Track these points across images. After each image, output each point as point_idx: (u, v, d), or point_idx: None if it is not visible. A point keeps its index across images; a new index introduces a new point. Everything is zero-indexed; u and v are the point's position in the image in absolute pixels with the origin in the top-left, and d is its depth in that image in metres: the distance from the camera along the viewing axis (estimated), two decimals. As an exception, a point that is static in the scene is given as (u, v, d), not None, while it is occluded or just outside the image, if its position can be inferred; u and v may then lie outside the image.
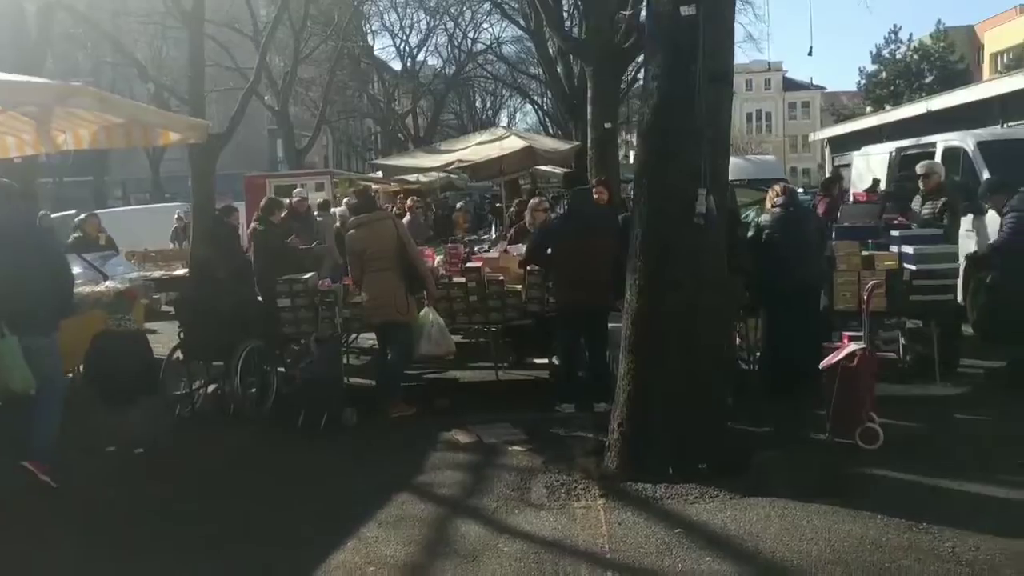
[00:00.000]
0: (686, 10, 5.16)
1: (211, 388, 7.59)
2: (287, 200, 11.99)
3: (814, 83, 75.35)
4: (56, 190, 33.53)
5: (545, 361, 8.35)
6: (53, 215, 15.90)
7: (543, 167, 18.53)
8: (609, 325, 6.99)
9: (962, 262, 7.93)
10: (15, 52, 12.00)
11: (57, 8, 14.97)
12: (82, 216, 11.95)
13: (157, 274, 13.53)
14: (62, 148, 10.07)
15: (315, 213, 11.55)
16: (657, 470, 5.27)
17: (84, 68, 29.03)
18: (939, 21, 49.87)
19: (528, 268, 7.60)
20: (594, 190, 8.11)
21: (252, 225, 9.98)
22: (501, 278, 7.81)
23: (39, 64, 13.17)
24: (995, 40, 44.76)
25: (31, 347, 5.48)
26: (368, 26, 37.11)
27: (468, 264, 8.27)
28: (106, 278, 8.75)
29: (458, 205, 19.76)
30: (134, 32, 25.89)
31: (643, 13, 12.97)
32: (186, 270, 13.38)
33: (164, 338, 9.26)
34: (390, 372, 7.31)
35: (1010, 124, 16.45)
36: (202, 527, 4.98)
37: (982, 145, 9.97)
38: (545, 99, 40.18)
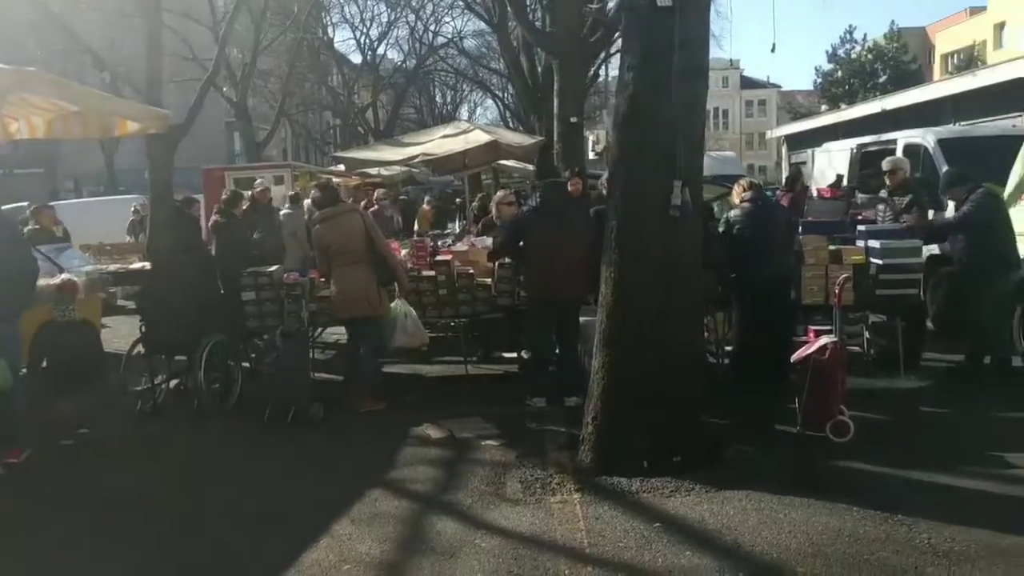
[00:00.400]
0: (662, 2, 5.13)
1: (174, 383, 7.41)
2: (248, 192, 11.83)
3: (771, 81, 76.32)
4: (5, 182, 32.64)
5: (514, 355, 8.31)
6: (3, 207, 15.43)
7: (506, 162, 18.48)
8: (581, 319, 6.96)
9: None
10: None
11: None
12: (34, 207, 11.60)
13: (113, 267, 13.19)
14: (15, 137, 9.75)
15: (285, 206, 11.37)
16: (632, 464, 5.24)
17: (34, 56, 28.23)
18: (892, 22, 50.95)
19: (499, 261, 7.55)
20: (569, 182, 8.07)
21: (214, 218, 9.81)
22: (471, 271, 7.74)
23: (-12, 52, 12.78)
24: (946, 41, 45.72)
25: None
26: (328, 18, 36.71)
27: (438, 257, 8.17)
28: (61, 270, 8.49)
29: (426, 199, 19.57)
30: (87, 19, 25.28)
31: (610, 6, 13.08)
32: (143, 263, 13.08)
33: (123, 332, 9.05)
34: (361, 366, 7.19)
35: (962, 123, 16.80)
36: (165, 526, 4.86)
37: (942, 142, 10.11)
38: (506, 93, 40.16)
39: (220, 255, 9.74)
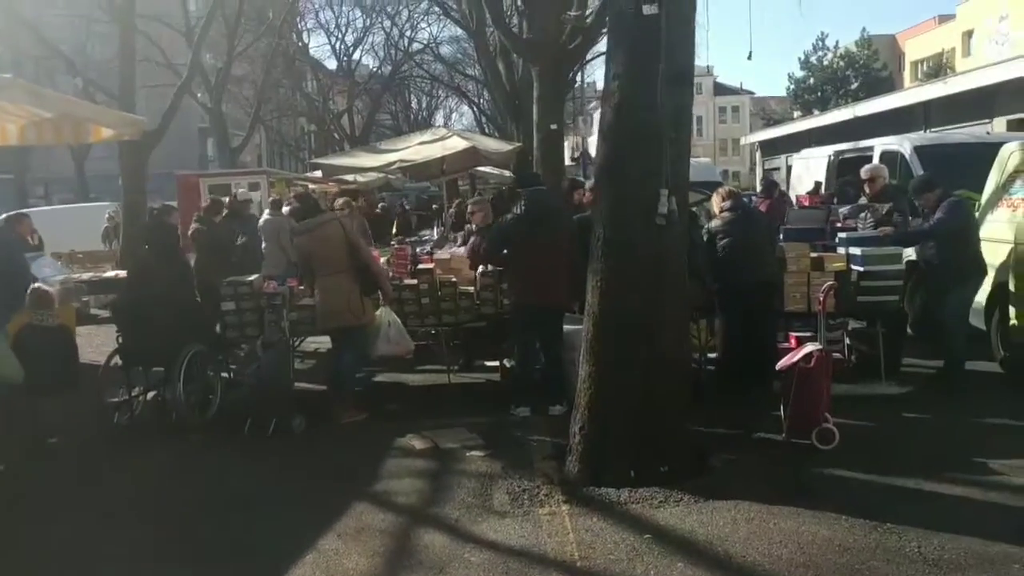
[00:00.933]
0: (648, 9, 5.11)
1: (151, 395, 7.27)
2: (226, 199, 11.74)
3: (744, 88, 77.02)
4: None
5: (496, 363, 8.25)
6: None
7: (483, 168, 18.47)
8: (565, 327, 6.93)
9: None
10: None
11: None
12: (9, 215, 11.39)
13: (87, 276, 13.01)
14: (-12, 143, 9.60)
15: (266, 212, 11.30)
16: (619, 474, 5.20)
17: (4, 62, 27.83)
18: (864, 29, 51.41)
19: (481, 270, 7.50)
20: (575, 191, 8.06)
21: (194, 226, 9.72)
22: (453, 279, 7.68)
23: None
24: (915, 49, 46.33)
25: None
26: (303, 24, 36.57)
27: (420, 266, 8.10)
28: (34, 280, 8.33)
29: (407, 206, 19.50)
30: (58, 24, 24.97)
31: (588, 12, 13.07)
32: (116, 272, 12.92)
33: (96, 342, 8.90)
34: (343, 376, 7.10)
35: (933, 129, 17.03)
36: (145, 542, 4.75)
37: (919, 149, 10.22)
38: (482, 99, 40.15)
39: (200, 263, 9.66)
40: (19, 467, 5.99)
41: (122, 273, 11.71)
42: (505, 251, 6.98)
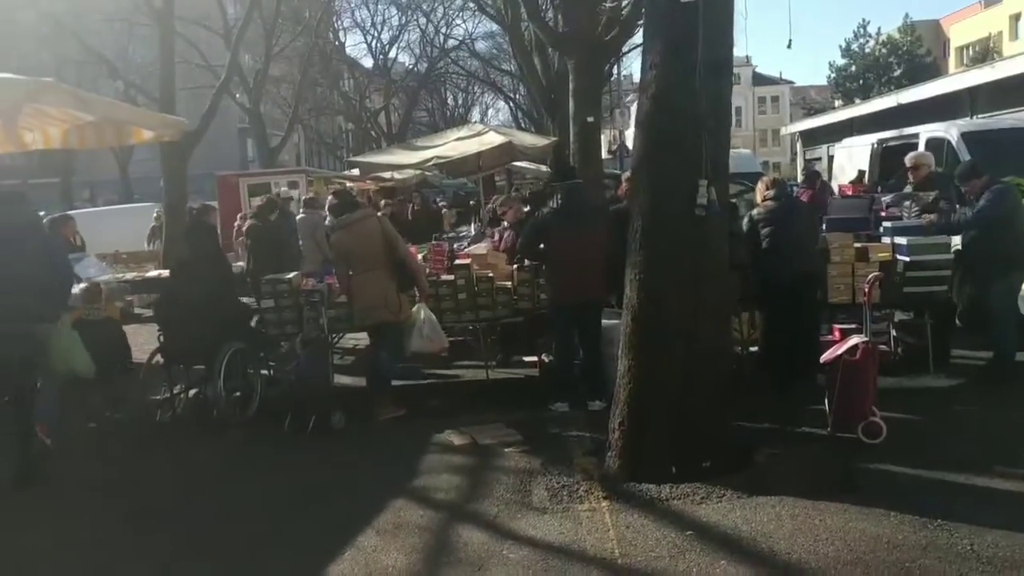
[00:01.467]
0: (685, -4, 5.02)
1: (192, 393, 7.34)
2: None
3: (783, 78, 75.96)
4: (18, 191, 32.74)
5: (534, 359, 8.21)
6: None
7: (519, 163, 18.42)
8: (604, 322, 6.86)
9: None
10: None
11: (19, 6, 14.60)
12: (54, 217, 11.62)
13: (130, 276, 13.18)
14: (30, 147, 9.75)
15: (301, 210, 11.45)
16: (660, 469, 5.13)
17: (49, 67, 28.37)
18: (906, 15, 50.39)
19: (518, 265, 7.46)
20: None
21: (249, 222, 9.92)
22: (490, 275, 7.65)
23: (3, 62, 12.83)
24: (960, 34, 45.33)
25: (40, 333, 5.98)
26: (339, 23, 36.78)
27: (457, 261, 8.08)
28: (79, 280, 8.48)
29: (440, 203, 19.50)
30: (100, 30, 25.35)
31: (625, 3, 12.94)
32: (159, 271, 13.09)
33: (140, 340, 8.99)
34: (381, 372, 7.11)
35: (980, 116, 16.59)
36: (187, 538, 4.79)
37: (966, 135, 9.95)
38: (518, 94, 40.08)
39: (256, 260, 9.82)
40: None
41: (164, 273, 11.87)
42: (541, 245, 6.93)
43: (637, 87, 7.57)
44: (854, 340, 5.75)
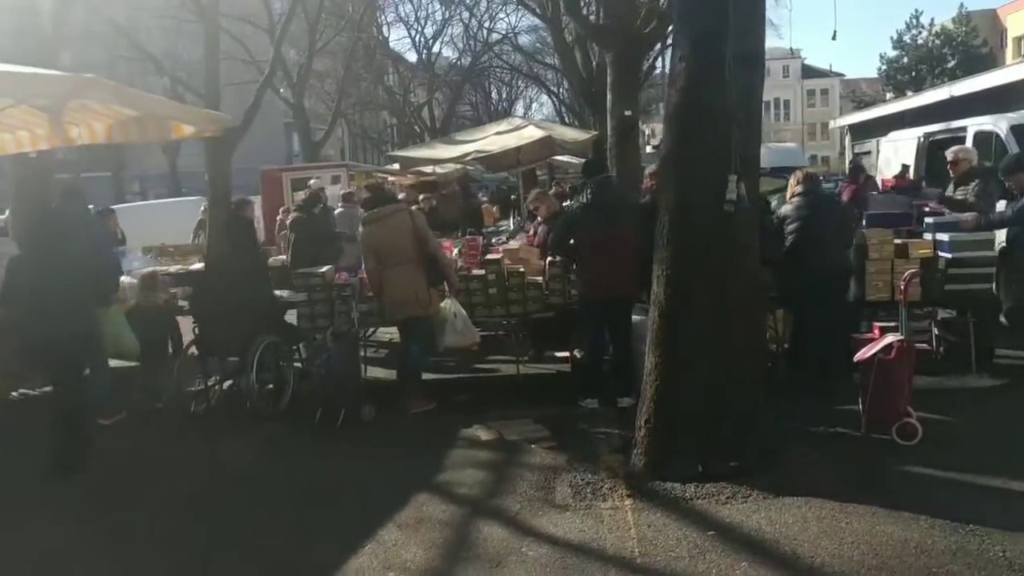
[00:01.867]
0: (714, -13, 4.94)
1: (227, 384, 7.44)
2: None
3: (833, 70, 74.53)
4: (74, 185, 33.57)
5: (566, 354, 8.16)
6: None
7: (560, 157, 18.33)
8: (635, 318, 6.79)
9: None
10: (30, 47, 11.92)
11: (72, 3, 14.88)
12: (99, 211, 11.87)
13: (174, 268, 13.40)
14: (76, 142, 9.96)
15: (339, 204, 11.56)
16: (686, 468, 5.06)
17: (100, 63, 28.97)
18: (961, 5, 48.96)
19: (549, 260, 7.42)
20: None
21: (292, 215, 10.04)
22: (521, 270, 7.62)
23: (54, 59, 13.07)
24: (1019, 24, 43.99)
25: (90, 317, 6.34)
26: (383, 17, 36.96)
27: (488, 256, 8.06)
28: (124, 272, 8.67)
29: (482, 197, 19.45)
30: (149, 27, 25.84)
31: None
32: (201, 264, 13.30)
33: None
34: (411, 367, 7.13)
35: (1038, 109, 16.07)
36: (210, 527, 4.86)
37: (1016, 128, 9.66)
38: (561, 88, 39.90)
39: (298, 252, 9.94)
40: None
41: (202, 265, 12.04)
42: (571, 241, 6.88)
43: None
44: (889, 339, 5.61)
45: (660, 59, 25.31)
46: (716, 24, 4.95)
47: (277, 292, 7.81)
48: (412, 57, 41.60)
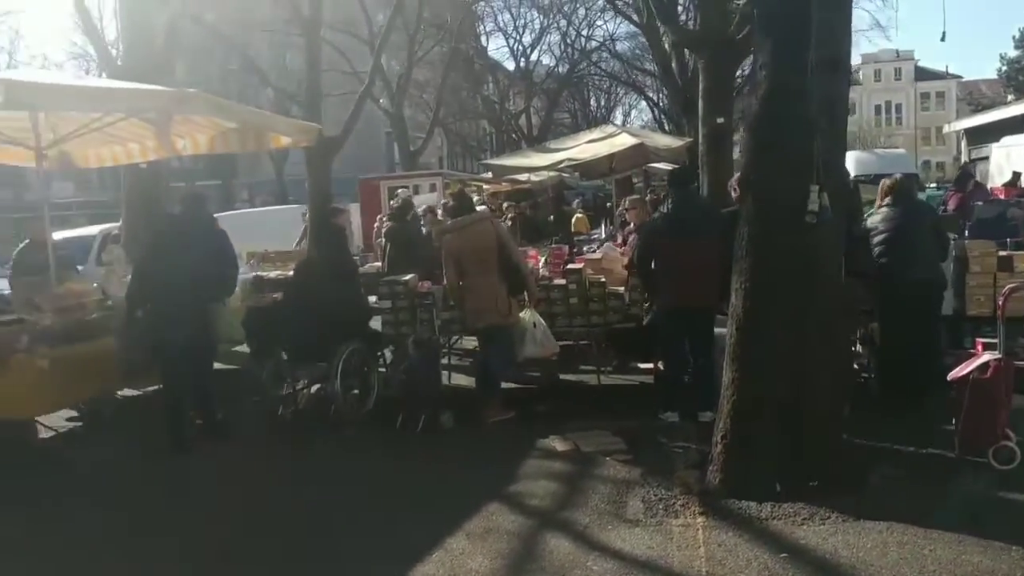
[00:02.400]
0: (796, -8, 4.80)
1: (314, 388, 7.64)
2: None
3: (949, 72, 71.32)
4: (198, 192, 35.18)
5: (650, 366, 8.04)
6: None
7: (656, 164, 18.13)
8: (717, 330, 6.64)
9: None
10: (145, 62, 12.55)
11: (183, 19, 15.62)
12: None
13: (274, 274, 13.86)
14: (181, 153, 10.46)
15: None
16: (763, 487, 4.92)
17: (213, 77, 30.30)
18: (1091, 1, 46.26)
19: (631, 269, 7.35)
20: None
21: (387, 224, 10.27)
22: (603, 280, 7.56)
23: (168, 74, 13.74)
24: None
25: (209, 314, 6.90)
26: (482, 27, 37.40)
27: (569, 266, 8.04)
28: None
29: (576, 205, 19.34)
30: (258, 41, 26.85)
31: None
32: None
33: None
34: (490, 375, 7.17)
35: None
36: (283, 526, 4.99)
37: None
38: (661, 95, 39.49)
39: (392, 259, 10.17)
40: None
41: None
42: (652, 264, 6.78)
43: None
44: (985, 356, 5.32)
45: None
46: (798, 30, 4.81)
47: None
48: (510, 65, 41.97)
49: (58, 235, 13.99)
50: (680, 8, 18.53)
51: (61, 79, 10.58)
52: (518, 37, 39.00)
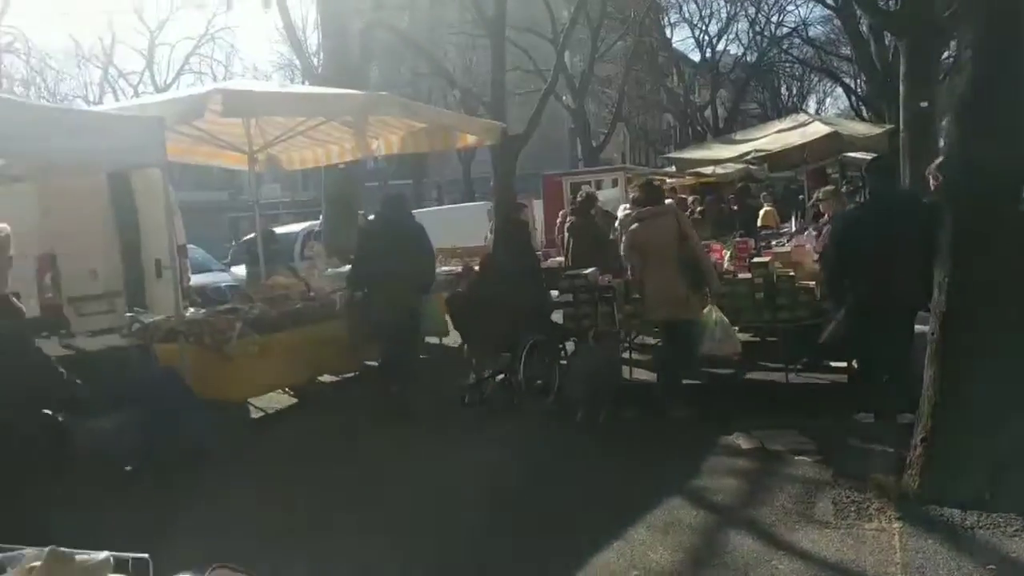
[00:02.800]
0: (1009, -37, 4.44)
1: (498, 379, 7.86)
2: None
3: None
4: (380, 192, 37.03)
5: (843, 364, 7.68)
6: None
7: (853, 154, 17.22)
8: (917, 327, 6.25)
9: None
10: (342, 70, 13.38)
11: (377, 26, 16.48)
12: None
13: (460, 269, 14.35)
14: (375, 154, 11.07)
15: (622, 207, 11.79)
16: (968, 494, 4.59)
17: (404, 81, 31.69)
18: None
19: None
20: None
21: (570, 219, 10.42)
22: (792, 274, 7.29)
23: (363, 79, 14.56)
24: None
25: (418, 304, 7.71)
26: (666, 18, 36.87)
27: (755, 259, 7.81)
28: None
29: (764, 197, 18.63)
30: (446, 44, 27.82)
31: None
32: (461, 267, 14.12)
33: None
34: (671, 370, 7.10)
35: None
36: (467, 510, 5.17)
37: None
38: (858, 81, 37.43)
39: (577, 253, 10.32)
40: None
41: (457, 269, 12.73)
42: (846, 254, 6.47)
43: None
44: None
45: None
46: (1009, 6, 4.45)
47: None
48: (695, 57, 41.14)
49: (280, 230, 15.18)
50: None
51: (268, 87, 11.47)
52: (703, 27, 38.18)
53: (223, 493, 5.68)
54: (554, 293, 8.26)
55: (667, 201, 7.93)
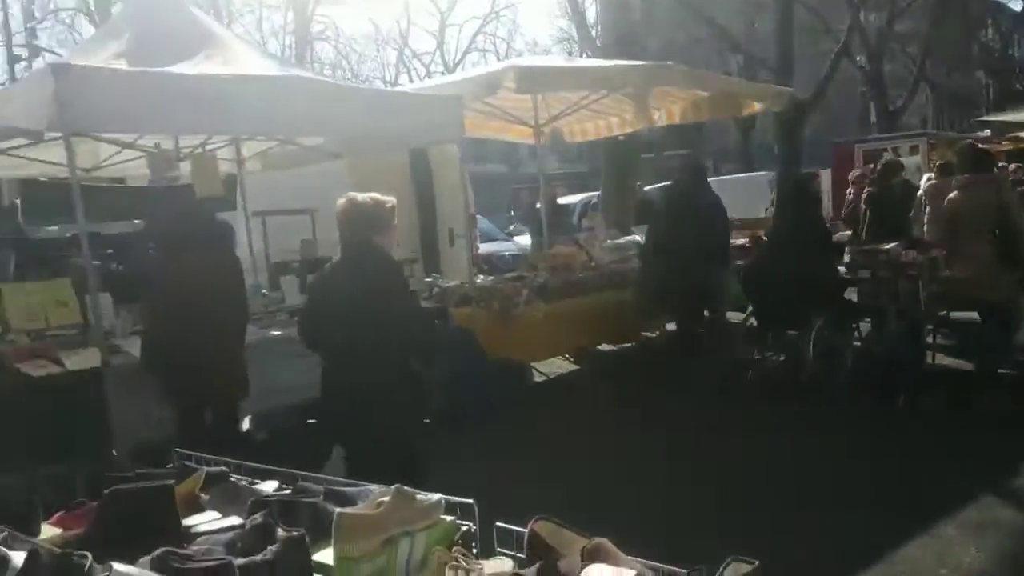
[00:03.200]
0: None
1: (783, 357, 7.57)
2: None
3: None
4: (656, 163, 36.74)
5: None
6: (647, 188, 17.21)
7: None
8: None
9: None
10: (621, 40, 13.43)
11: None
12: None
13: (740, 241, 13.92)
14: (656, 123, 11.04)
15: (925, 177, 10.82)
16: None
17: (682, 46, 31.08)
18: None
19: None
20: None
21: (867, 190, 9.79)
22: None
23: (642, 48, 14.53)
24: None
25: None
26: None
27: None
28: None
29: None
30: (729, 7, 26.91)
31: None
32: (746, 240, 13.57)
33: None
34: (986, 356, 6.44)
35: None
36: (760, 496, 5.02)
37: None
38: None
39: (869, 228, 9.67)
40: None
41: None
42: None
43: None
44: None
45: None
46: None
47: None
48: (1016, 6, 36.55)
49: (560, 201, 15.66)
50: None
51: (555, 62, 11.74)
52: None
53: (523, 447, 6.05)
54: (841, 268, 7.77)
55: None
